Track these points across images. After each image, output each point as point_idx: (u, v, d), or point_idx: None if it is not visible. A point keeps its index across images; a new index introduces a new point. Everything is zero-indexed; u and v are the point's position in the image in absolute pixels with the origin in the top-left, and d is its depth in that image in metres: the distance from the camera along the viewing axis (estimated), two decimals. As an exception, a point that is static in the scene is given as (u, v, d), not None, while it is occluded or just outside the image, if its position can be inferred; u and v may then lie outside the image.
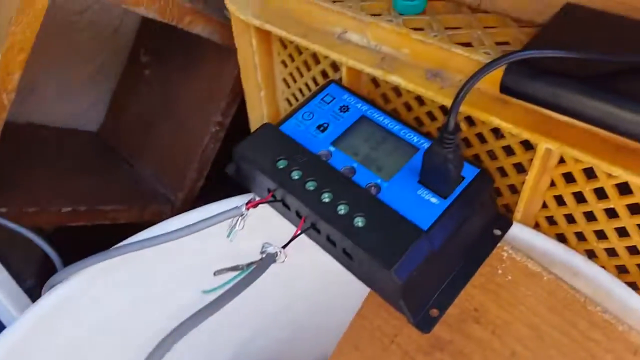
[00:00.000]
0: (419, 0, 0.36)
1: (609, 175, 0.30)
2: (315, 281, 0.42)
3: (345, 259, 0.31)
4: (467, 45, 0.34)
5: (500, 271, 0.32)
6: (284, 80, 0.46)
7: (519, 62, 0.28)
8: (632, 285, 0.34)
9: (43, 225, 0.59)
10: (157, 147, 0.64)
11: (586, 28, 0.31)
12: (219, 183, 0.48)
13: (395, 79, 0.35)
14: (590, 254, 0.35)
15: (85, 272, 0.34)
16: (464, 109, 0.32)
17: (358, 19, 0.37)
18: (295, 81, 0.45)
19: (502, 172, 0.36)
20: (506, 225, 0.34)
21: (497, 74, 0.30)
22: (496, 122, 0.31)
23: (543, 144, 0.30)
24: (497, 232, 0.34)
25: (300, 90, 0.45)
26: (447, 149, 0.28)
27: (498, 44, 0.34)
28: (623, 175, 0.28)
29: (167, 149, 0.63)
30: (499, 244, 0.33)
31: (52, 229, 0.67)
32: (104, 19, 0.67)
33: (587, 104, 0.26)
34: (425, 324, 0.30)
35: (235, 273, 0.28)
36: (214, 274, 0.28)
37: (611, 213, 0.32)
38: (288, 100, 0.48)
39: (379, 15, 0.37)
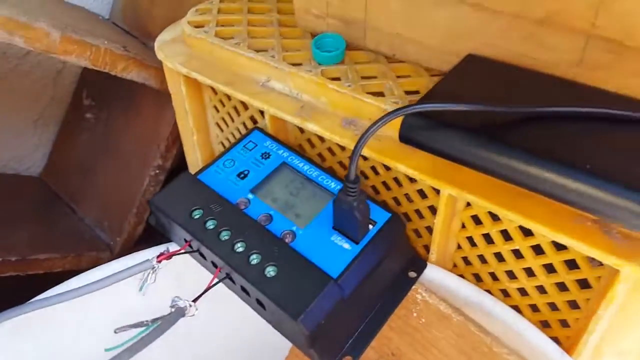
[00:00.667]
0: (336, 51, 0.38)
1: (510, 219, 0.32)
2: (252, 326, 0.41)
3: (260, 308, 0.31)
4: (379, 94, 0.36)
5: (415, 314, 0.33)
6: (217, 124, 0.47)
7: (415, 114, 0.29)
8: (543, 322, 0.36)
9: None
10: (98, 191, 0.63)
11: (484, 79, 0.33)
12: (161, 229, 0.48)
13: (312, 126, 0.36)
14: (505, 294, 0.36)
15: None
16: (375, 156, 0.34)
17: (280, 69, 0.38)
18: (227, 126, 0.46)
19: (420, 214, 0.37)
20: (421, 266, 0.35)
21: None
22: (402, 169, 0.32)
23: (446, 190, 0.31)
24: (412, 274, 0.34)
25: (233, 135, 0.46)
26: (351, 196, 0.29)
27: (407, 92, 0.36)
28: (518, 220, 0.30)
29: (108, 193, 0.62)
30: (414, 286, 0.34)
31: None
32: (46, 63, 0.67)
33: (476, 154, 0.28)
34: (337, 372, 0.31)
35: (139, 329, 0.27)
36: (115, 331, 0.27)
37: (518, 254, 0.33)
38: (223, 144, 0.49)
39: (300, 65, 0.38)
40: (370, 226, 0.33)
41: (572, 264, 0.32)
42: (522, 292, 0.35)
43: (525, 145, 0.28)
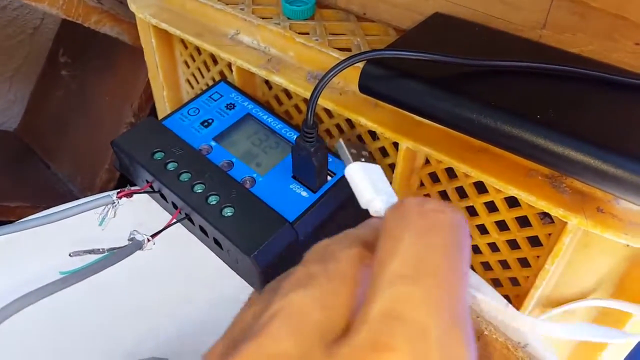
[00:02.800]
0: (305, 5, 0.38)
1: (466, 175, 0.32)
2: (212, 271, 0.42)
3: (217, 248, 0.32)
4: (347, 50, 0.36)
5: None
6: (187, 80, 0.47)
7: (374, 63, 0.30)
8: (495, 281, 0.37)
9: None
10: (72, 147, 0.63)
11: (447, 36, 0.33)
12: (132, 183, 0.49)
13: (277, 79, 0.36)
14: (460, 251, 0.37)
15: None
16: (338, 109, 0.34)
17: (249, 21, 0.38)
18: (197, 82, 0.46)
19: (381, 171, 0.38)
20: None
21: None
22: (363, 122, 0.33)
23: (404, 143, 0.32)
24: (369, 227, 0.35)
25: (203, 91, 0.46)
26: (308, 142, 0.30)
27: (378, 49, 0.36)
28: (472, 174, 0.30)
29: (82, 149, 0.62)
30: (369, 239, 0.35)
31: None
32: (23, 18, 0.66)
33: (432, 104, 0.28)
34: (289, 313, 0.31)
35: (96, 256, 0.28)
36: (70, 255, 0.28)
37: (473, 211, 0.34)
38: (195, 102, 0.49)
39: (269, 18, 0.39)
40: (329, 177, 0.33)
41: (524, 222, 0.33)
42: (476, 249, 0.36)
43: (481, 96, 0.28)
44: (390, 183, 0.36)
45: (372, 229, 0.18)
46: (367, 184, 0.21)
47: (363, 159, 0.22)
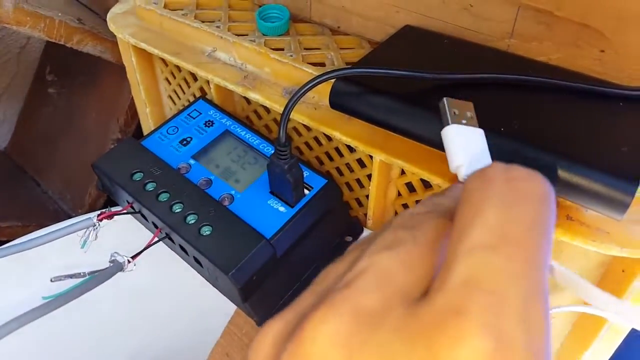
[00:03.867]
0: (280, 22, 0.38)
1: (439, 185, 0.33)
2: (199, 286, 0.43)
3: (197, 266, 0.33)
4: (321, 64, 0.37)
5: (348, 276, 0.34)
6: (170, 97, 0.47)
7: (344, 80, 0.30)
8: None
9: None
10: (61, 165, 0.64)
11: (417, 49, 0.34)
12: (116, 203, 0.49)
13: (254, 95, 0.37)
14: (440, 258, 0.37)
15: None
16: (313, 124, 0.35)
17: (224, 39, 0.39)
18: (179, 98, 0.46)
19: (360, 183, 0.38)
20: (358, 232, 0.36)
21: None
22: (338, 136, 0.33)
23: (377, 156, 0.32)
24: (349, 238, 0.36)
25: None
26: (283, 160, 0.30)
27: (348, 64, 0.37)
28: (443, 185, 0.31)
29: (71, 167, 0.63)
30: (349, 250, 0.35)
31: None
32: (10, 38, 0.67)
33: (399, 119, 0.29)
34: (270, 328, 0.32)
35: (77, 280, 0.28)
36: (51, 280, 0.28)
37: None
38: (178, 117, 0.49)
39: (245, 35, 0.39)
40: (307, 191, 0.34)
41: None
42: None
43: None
44: (368, 195, 0.37)
45: (457, 198, 0.18)
46: (459, 148, 0.20)
47: (464, 121, 0.21)
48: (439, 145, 0.29)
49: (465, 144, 0.20)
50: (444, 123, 0.21)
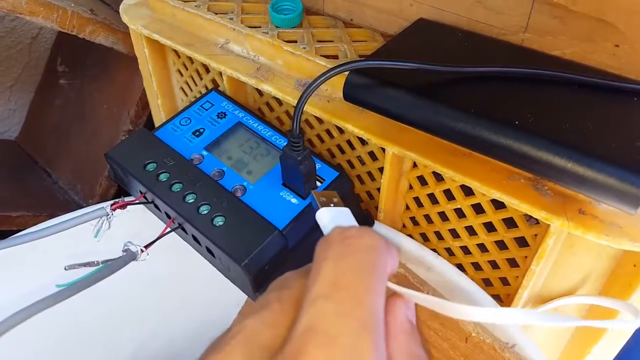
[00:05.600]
0: (293, 14, 0.38)
1: (452, 179, 0.33)
2: (211, 276, 0.43)
3: (210, 256, 0.33)
4: (334, 57, 0.37)
5: (359, 267, 0.35)
6: (182, 88, 0.47)
7: (358, 72, 0.30)
8: (486, 280, 0.37)
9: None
10: (72, 155, 0.64)
11: (432, 42, 0.34)
12: (128, 193, 0.50)
13: (267, 87, 0.37)
14: (450, 252, 0.37)
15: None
16: (326, 116, 0.35)
17: (237, 30, 0.39)
18: (191, 90, 0.46)
19: (371, 176, 0.38)
20: (369, 224, 0.36)
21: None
22: (351, 128, 0.34)
23: (390, 149, 0.33)
24: (359, 231, 0.36)
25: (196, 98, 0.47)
26: (296, 151, 0.30)
27: (361, 56, 0.37)
28: (457, 177, 0.31)
29: (82, 157, 0.63)
30: (360, 242, 0.35)
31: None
32: (22, 28, 0.67)
33: (414, 112, 0.29)
34: (281, 318, 0.32)
35: (91, 269, 0.29)
36: (65, 268, 0.28)
37: (461, 213, 0.35)
38: (189, 109, 0.49)
39: (258, 27, 0.39)
40: (318, 183, 0.34)
41: (511, 223, 0.33)
42: (466, 250, 0.36)
43: (460, 103, 0.29)
44: (379, 188, 0.37)
45: None
46: (329, 224, 0.23)
47: (332, 205, 0.25)
48: (453, 138, 0.30)
49: (335, 220, 0.24)
50: (315, 209, 0.25)
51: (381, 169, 0.37)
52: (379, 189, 0.38)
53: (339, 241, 0.18)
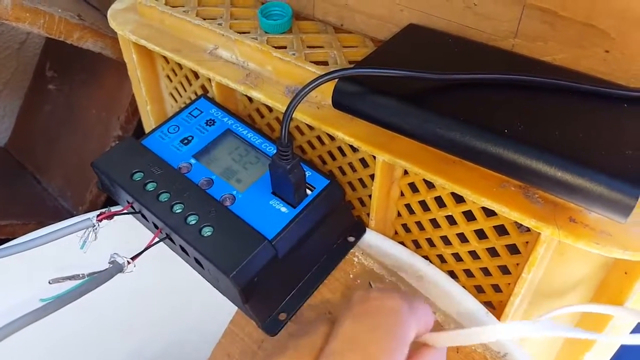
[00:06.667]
0: (282, 19, 0.38)
1: (443, 186, 0.33)
2: (201, 287, 0.43)
3: (198, 267, 0.32)
4: (323, 63, 0.37)
5: (351, 275, 0.34)
6: (171, 94, 0.47)
7: (347, 80, 0.30)
8: (478, 287, 0.37)
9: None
10: (61, 162, 0.64)
11: (421, 48, 0.33)
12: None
13: (256, 94, 0.36)
14: (442, 259, 0.37)
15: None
16: (315, 123, 0.34)
17: (226, 36, 0.38)
18: (181, 96, 0.46)
19: (363, 183, 0.38)
20: (360, 232, 0.36)
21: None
22: (341, 136, 0.33)
23: (380, 157, 0.32)
24: (351, 238, 0.36)
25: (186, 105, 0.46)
26: (285, 160, 0.30)
27: (351, 62, 0.37)
28: (447, 185, 0.31)
29: (71, 164, 0.63)
30: (352, 250, 0.35)
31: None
32: (10, 33, 0.66)
33: (402, 120, 0.29)
34: (272, 327, 0.32)
35: (76, 282, 0.28)
36: (49, 282, 0.28)
37: (452, 220, 0.35)
38: (179, 115, 0.49)
39: (247, 33, 0.39)
40: (309, 191, 0.34)
41: (502, 230, 0.33)
42: (457, 257, 0.36)
43: (449, 111, 0.28)
44: (370, 195, 0.37)
45: None
46: None
47: None
48: (442, 146, 0.29)
49: None
50: None
51: (372, 176, 0.37)
52: (370, 196, 0.38)
53: (360, 302, 0.20)
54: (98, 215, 0.32)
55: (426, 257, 0.36)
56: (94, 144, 0.60)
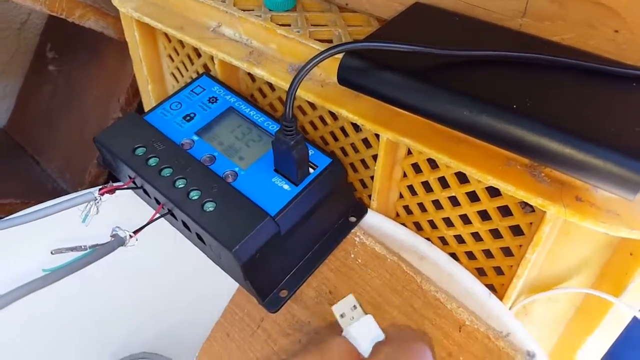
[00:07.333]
0: (287, -3, 0.38)
1: (447, 166, 0.32)
2: (199, 266, 0.43)
3: (200, 243, 0.32)
4: (328, 41, 0.36)
5: (352, 255, 0.34)
6: (172, 74, 0.46)
7: (353, 55, 0.30)
8: (480, 270, 0.37)
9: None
10: (61, 143, 0.63)
11: (427, 26, 0.33)
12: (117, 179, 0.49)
13: (259, 71, 0.36)
14: (443, 241, 0.37)
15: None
16: (319, 101, 0.34)
17: (230, 14, 0.38)
18: (182, 75, 0.45)
19: (365, 164, 0.38)
20: (362, 212, 0.36)
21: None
22: (344, 114, 0.33)
23: (384, 135, 0.32)
24: (353, 218, 0.35)
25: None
26: (288, 136, 0.30)
27: (355, 41, 0.36)
28: (452, 165, 0.30)
29: (70, 145, 0.62)
30: (353, 230, 0.35)
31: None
32: (10, 13, 0.65)
33: (408, 95, 0.28)
34: (273, 304, 0.32)
35: (78, 253, 0.28)
36: (51, 252, 0.28)
37: (455, 201, 0.34)
38: (181, 95, 0.48)
39: (251, 10, 0.38)
40: (311, 170, 0.33)
41: (505, 211, 0.33)
42: (459, 239, 0.36)
43: (456, 87, 0.28)
44: (372, 176, 0.36)
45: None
46: (360, 341, 0.26)
47: (353, 317, 0.28)
48: (450, 122, 0.29)
49: (363, 335, 0.26)
50: (344, 329, 0.27)
51: (375, 157, 0.36)
52: (372, 177, 0.38)
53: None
54: (100, 189, 0.31)
55: (428, 239, 0.36)
56: (94, 126, 0.59)
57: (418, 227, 0.37)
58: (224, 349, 0.37)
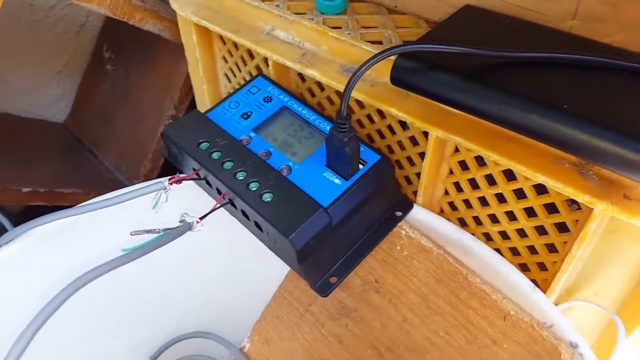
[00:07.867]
0: (337, 0, 0.39)
1: (496, 163, 0.33)
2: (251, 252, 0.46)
3: (257, 230, 0.34)
4: (378, 43, 0.38)
5: (398, 247, 0.36)
6: (226, 75, 0.49)
7: (406, 56, 0.31)
8: (523, 266, 0.38)
9: (5, 203, 0.61)
10: (117, 138, 0.67)
11: (478, 28, 0.34)
12: (176, 172, 0.52)
13: (312, 72, 0.38)
14: (488, 237, 0.38)
15: (27, 236, 0.37)
16: (369, 100, 0.36)
17: (284, 17, 0.40)
18: (235, 76, 0.48)
19: (411, 161, 0.39)
20: (407, 207, 0.37)
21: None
22: (394, 112, 0.34)
23: (434, 132, 0.33)
24: (399, 213, 0.37)
25: (240, 85, 0.48)
26: (342, 133, 0.32)
27: (405, 42, 0.38)
28: (501, 162, 0.31)
29: (127, 140, 0.66)
30: (399, 224, 0.36)
31: (17, 211, 0.70)
32: (71, 16, 0.70)
33: (461, 95, 0.30)
34: (323, 289, 0.34)
35: (152, 236, 0.31)
36: (131, 233, 0.31)
37: (501, 198, 0.35)
38: (232, 94, 0.51)
39: (303, 14, 0.40)
40: (361, 165, 0.35)
41: (551, 209, 0.34)
42: (504, 235, 0.37)
43: (508, 87, 0.29)
44: (418, 173, 0.38)
45: None
46: None
47: None
48: (500, 121, 0.30)
49: None
50: None
51: (421, 154, 0.38)
52: (417, 174, 0.39)
53: None
54: (169, 179, 0.34)
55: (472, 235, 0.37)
56: (149, 122, 0.63)
57: (462, 223, 0.39)
58: (274, 329, 0.40)
